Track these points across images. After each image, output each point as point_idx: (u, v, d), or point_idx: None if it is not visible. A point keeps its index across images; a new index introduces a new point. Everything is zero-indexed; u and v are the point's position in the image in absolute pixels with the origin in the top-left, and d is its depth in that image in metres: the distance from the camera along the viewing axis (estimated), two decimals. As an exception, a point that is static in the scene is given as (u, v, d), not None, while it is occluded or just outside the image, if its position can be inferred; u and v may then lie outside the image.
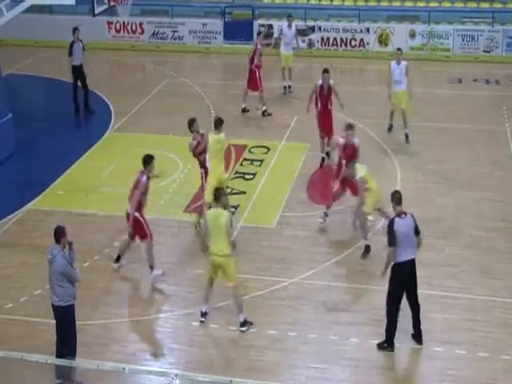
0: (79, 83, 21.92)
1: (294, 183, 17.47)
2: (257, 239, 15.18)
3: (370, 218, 14.90)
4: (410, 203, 16.36)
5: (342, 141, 15.10)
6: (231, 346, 12.19)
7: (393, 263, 11.69)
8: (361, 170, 14.50)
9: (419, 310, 11.97)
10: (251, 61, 21.42)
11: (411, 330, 12.08)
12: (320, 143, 18.24)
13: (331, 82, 18.02)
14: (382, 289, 13.27)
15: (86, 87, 22.05)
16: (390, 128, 19.85)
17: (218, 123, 15.22)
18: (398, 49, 19.88)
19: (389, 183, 17.29)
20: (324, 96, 17.96)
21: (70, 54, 21.70)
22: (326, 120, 18.08)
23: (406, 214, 11.69)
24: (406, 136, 19.26)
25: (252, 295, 13.36)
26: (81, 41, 21.85)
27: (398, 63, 19.11)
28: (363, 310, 12.95)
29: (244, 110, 21.58)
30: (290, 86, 23.34)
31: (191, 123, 15.37)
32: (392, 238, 11.57)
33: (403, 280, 11.72)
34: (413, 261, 11.67)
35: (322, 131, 18.13)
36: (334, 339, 12.29)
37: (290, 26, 23.24)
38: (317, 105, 18.06)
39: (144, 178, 13.63)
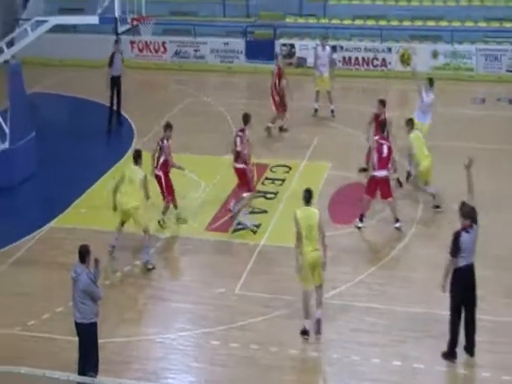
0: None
1: (315, 202, 17.37)
2: (279, 258, 15.15)
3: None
4: (431, 223, 16.45)
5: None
6: (252, 365, 12.14)
7: (453, 270, 11.72)
8: None
9: (474, 328, 11.94)
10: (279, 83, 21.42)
11: (435, 351, 12.01)
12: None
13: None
14: (403, 310, 13.35)
15: (120, 99, 22.56)
16: None
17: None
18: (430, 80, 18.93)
19: (410, 203, 17.27)
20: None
21: (111, 65, 22.16)
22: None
23: (472, 226, 11.60)
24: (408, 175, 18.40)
25: (274, 314, 13.34)
26: (121, 52, 22.52)
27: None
28: (385, 330, 12.87)
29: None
30: (332, 111, 22.99)
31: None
32: (455, 250, 11.60)
33: (463, 286, 11.73)
34: (472, 265, 11.75)
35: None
36: (355, 360, 12.22)
37: (323, 48, 22.97)
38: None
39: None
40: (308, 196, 12.83)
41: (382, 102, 18.22)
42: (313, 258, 12.44)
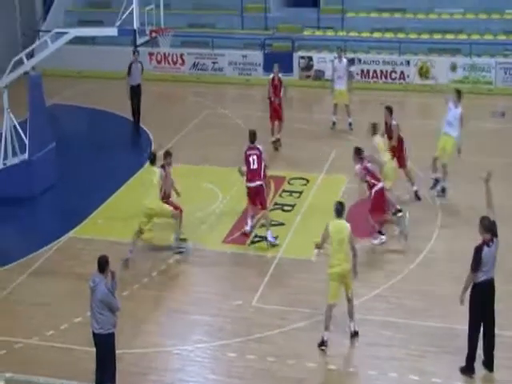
0: None
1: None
2: (296, 271, 15.16)
3: None
4: (450, 237, 16.39)
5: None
6: (269, 377, 12.12)
7: (472, 285, 11.69)
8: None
9: (493, 343, 11.89)
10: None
11: (453, 366, 11.96)
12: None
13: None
14: (420, 324, 13.30)
15: (139, 108, 23.16)
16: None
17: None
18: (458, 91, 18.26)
19: (428, 217, 17.23)
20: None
21: (129, 74, 22.88)
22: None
23: (493, 240, 11.59)
24: (443, 189, 18.36)
25: (290, 327, 13.32)
26: (140, 62, 23.30)
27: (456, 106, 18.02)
28: (402, 345, 12.81)
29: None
30: (350, 124, 22.93)
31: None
32: (476, 265, 11.56)
33: (482, 301, 11.71)
34: (492, 280, 11.73)
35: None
36: (372, 374, 12.17)
37: (340, 60, 22.87)
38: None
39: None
40: (340, 208, 12.92)
41: (388, 109, 18.12)
42: (342, 270, 12.63)
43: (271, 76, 21.81)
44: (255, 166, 16.13)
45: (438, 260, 15.54)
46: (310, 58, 28.29)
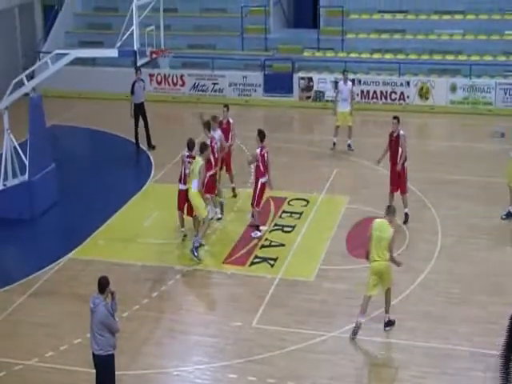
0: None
1: (333, 236, 17.40)
2: (296, 292, 15.11)
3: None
4: (450, 258, 16.35)
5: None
6: (270, 399, 12.09)
7: None
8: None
9: None
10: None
11: None
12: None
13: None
14: (423, 345, 13.22)
15: (147, 125, 23.32)
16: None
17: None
18: None
19: (429, 237, 17.21)
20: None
21: (132, 92, 22.99)
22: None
23: None
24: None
25: (290, 348, 13.25)
26: (142, 80, 23.40)
27: None
28: (404, 365, 12.75)
29: None
30: (349, 145, 22.93)
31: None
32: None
33: None
34: None
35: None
36: (374, 395, 12.14)
37: (345, 82, 22.82)
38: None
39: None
40: (392, 209, 13.55)
41: (396, 118, 18.01)
42: (378, 267, 13.20)
43: (225, 121, 19.56)
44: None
45: (438, 281, 15.49)
46: (310, 79, 28.37)
